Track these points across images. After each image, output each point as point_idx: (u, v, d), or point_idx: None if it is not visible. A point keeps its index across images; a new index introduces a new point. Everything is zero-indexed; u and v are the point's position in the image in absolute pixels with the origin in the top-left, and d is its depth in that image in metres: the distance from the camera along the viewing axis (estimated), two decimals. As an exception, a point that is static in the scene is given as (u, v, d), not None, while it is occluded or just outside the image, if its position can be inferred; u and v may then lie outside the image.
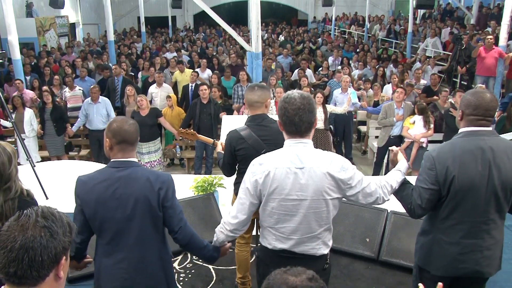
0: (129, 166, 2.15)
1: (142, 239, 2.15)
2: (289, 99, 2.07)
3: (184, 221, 2.21)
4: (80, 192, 2.14)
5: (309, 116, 2.06)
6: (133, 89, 7.24)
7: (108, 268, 2.17)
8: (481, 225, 2.21)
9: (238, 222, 2.18)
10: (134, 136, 2.17)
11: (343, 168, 2.05)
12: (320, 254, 2.14)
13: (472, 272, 2.27)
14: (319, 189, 2.02)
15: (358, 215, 3.90)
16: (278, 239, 2.13)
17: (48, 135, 6.89)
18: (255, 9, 6.73)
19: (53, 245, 1.26)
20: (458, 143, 2.24)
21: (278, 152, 2.12)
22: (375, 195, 2.15)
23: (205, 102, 6.63)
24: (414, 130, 6.19)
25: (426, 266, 2.36)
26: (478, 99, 2.21)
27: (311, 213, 2.06)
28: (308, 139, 2.10)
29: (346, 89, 7.28)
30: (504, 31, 8.32)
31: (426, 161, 2.26)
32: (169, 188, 2.16)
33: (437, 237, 2.30)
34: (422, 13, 18.81)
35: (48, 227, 1.28)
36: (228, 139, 2.90)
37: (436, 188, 2.21)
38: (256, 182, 2.08)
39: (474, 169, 2.16)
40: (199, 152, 6.86)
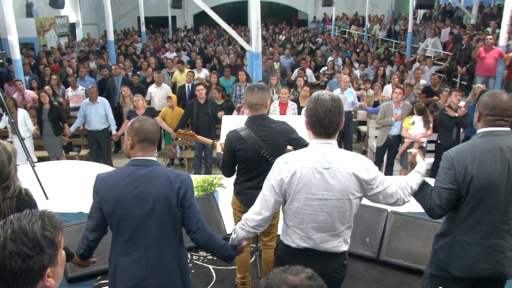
0: (150, 164, 2.17)
1: (160, 238, 2.16)
2: (320, 100, 2.07)
3: (202, 221, 2.22)
4: (100, 189, 2.15)
5: (338, 118, 2.08)
6: (128, 89, 7.25)
7: (124, 267, 2.17)
8: (502, 225, 2.22)
9: (261, 218, 2.19)
10: (156, 135, 2.21)
11: (367, 169, 2.07)
12: (341, 251, 2.18)
13: (494, 273, 2.27)
14: (344, 189, 2.05)
15: (358, 215, 3.88)
16: (302, 238, 2.14)
17: (46, 135, 6.88)
18: (255, 9, 6.73)
19: (27, 269, 1.18)
20: (477, 143, 2.25)
21: (304, 152, 2.13)
22: (395, 196, 2.17)
23: (202, 102, 6.63)
24: (414, 130, 6.20)
25: (447, 266, 2.35)
26: (495, 100, 2.24)
27: (335, 212, 2.08)
28: (333, 140, 2.12)
29: (345, 89, 7.28)
30: (504, 31, 8.32)
31: (445, 161, 2.27)
32: (188, 187, 2.18)
33: (457, 238, 2.30)
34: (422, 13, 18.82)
35: (18, 253, 1.17)
36: (227, 139, 2.90)
37: (455, 187, 2.22)
38: (282, 180, 2.09)
39: (493, 168, 2.17)
40: (198, 152, 6.86)
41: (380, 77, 9.06)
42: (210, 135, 6.52)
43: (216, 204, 4.15)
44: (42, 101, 6.79)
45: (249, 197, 2.91)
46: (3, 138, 7.39)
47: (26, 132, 6.71)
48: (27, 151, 4.94)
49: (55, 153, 6.98)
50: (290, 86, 8.53)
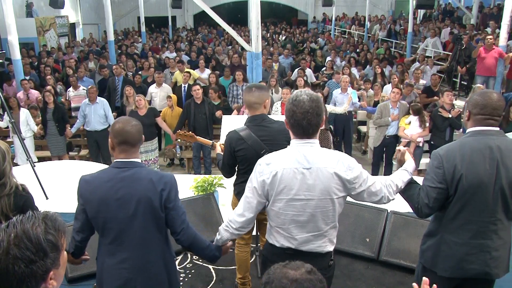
0: (132, 166, 2.16)
1: (145, 240, 2.15)
2: (298, 102, 2.05)
3: (186, 223, 2.21)
4: (83, 192, 2.15)
5: (317, 119, 2.06)
6: (132, 89, 7.25)
7: (110, 268, 2.17)
8: (489, 225, 2.21)
9: (244, 220, 2.19)
10: (136, 137, 2.17)
11: (350, 168, 2.06)
12: (326, 252, 2.16)
13: (481, 273, 2.26)
14: (326, 189, 2.03)
15: (358, 215, 3.90)
16: (285, 238, 2.14)
17: (50, 135, 6.90)
18: (255, 9, 6.73)
19: (30, 273, 1.18)
20: (467, 142, 2.23)
21: (285, 152, 2.12)
22: (380, 194, 2.15)
23: (198, 102, 6.63)
24: (410, 130, 6.21)
25: (433, 267, 2.35)
26: (485, 99, 2.22)
27: (318, 212, 2.07)
28: (315, 139, 2.11)
29: (345, 89, 7.27)
30: (504, 31, 8.32)
31: (434, 160, 2.26)
32: (172, 189, 2.16)
33: (445, 238, 2.29)
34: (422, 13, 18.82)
35: (21, 258, 1.17)
36: (227, 140, 2.90)
37: (444, 186, 2.21)
38: (263, 182, 2.09)
39: (482, 168, 2.15)
40: (196, 152, 6.87)
41: (380, 76, 9.07)
42: (208, 135, 6.53)
43: (216, 204, 4.15)
44: (47, 101, 6.81)
45: None
46: (4, 138, 7.42)
47: (27, 132, 6.73)
48: (27, 151, 4.94)
49: (58, 152, 6.99)
50: (290, 86, 8.54)
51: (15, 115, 6.61)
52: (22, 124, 6.65)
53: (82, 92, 8.03)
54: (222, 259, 3.73)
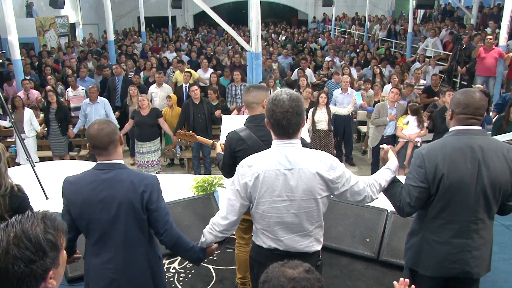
0: (114, 168, 2.16)
1: (128, 241, 2.16)
2: (277, 101, 2.04)
3: (170, 224, 2.21)
4: (67, 193, 2.17)
5: (297, 118, 2.05)
6: (136, 89, 7.25)
7: (95, 268, 2.19)
8: (471, 225, 2.21)
9: (228, 223, 2.18)
10: (103, 141, 2.13)
11: (332, 167, 2.05)
12: (313, 251, 2.16)
13: (462, 272, 2.26)
14: (309, 189, 2.03)
15: (358, 215, 3.90)
16: (272, 239, 2.13)
17: (53, 134, 6.91)
18: (255, 9, 6.73)
19: (30, 273, 1.18)
20: (448, 141, 2.23)
21: (266, 154, 2.11)
22: (363, 194, 2.15)
23: (197, 102, 6.64)
24: (408, 130, 6.22)
25: (415, 266, 2.36)
26: (467, 98, 2.22)
27: (302, 212, 2.06)
28: (296, 139, 2.09)
29: (346, 89, 7.28)
30: (504, 31, 8.32)
31: (416, 159, 2.26)
32: (153, 191, 2.15)
33: (426, 237, 2.29)
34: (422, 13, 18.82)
35: (21, 258, 1.17)
36: (227, 140, 2.90)
37: (425, 186, 2.20)
38: (246, 184, 2.08)
39: (463, 167, 2.15)
40: (196, 152, 6.88)
41: (379, 76, 9.07)
42: (207, 135, 6.54)
43: (216, 204, 4.14)
44: (50, 100, 6.83)
45: None
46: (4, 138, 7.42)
47: (31, 132, 6.74)
48: (27, 151, 4.95)
49: (60, 152, 7.00)
50: (290, 86, 8.54)
51: (19, 114, 6.64)
52: (26, 123, 6.67)
53: (81, 92, 8.04)
54: (222, 259, 3.75)
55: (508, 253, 3.74)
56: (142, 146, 6.54)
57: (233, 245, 3.70)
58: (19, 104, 6.69)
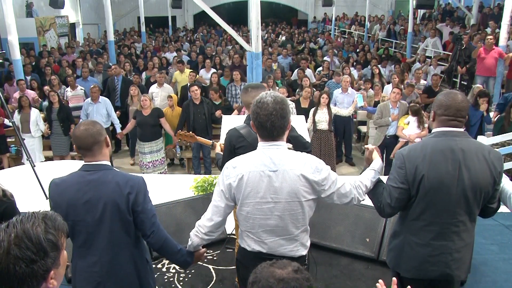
0: (99, 169, 2.15)
1: (113, 243, 2.15)
2: (262, 104, 2.03)
3: (157, 225, 2.20)
4: (52, 195, 2.16)
5: (281, 121, 2.03)
6: (137, 89, 7.26)
7: (82, 270, 2.19)
8: (451, 227, 2.20)
9: (213, 224, 2.17)
10: (86, 142, 2.13)
11: (317, 170, 2.03)
12: (298, 256, 2.13)
13: (442, 275, 2.26)
14: (293, 191, 2.01)
15: (358, 215, 3.90)
16: (256, 242, 2.12)
17: (54, 134, 6.92)
18: (255, 9, 6.73)
19: (31, 273, 1.19)
20: (430, 143, 2.23)
21: (251, 155, 2.10)
22: (350, 196, 2.14)
23: (197, 102, 6.64)
24: (409, 130, 6.24)
25: (397, 268, 2.35)
26: (449, 100, 2.21)
27: (286, 215, 2.05)
28: (281, 141, 2.08)
29: (346, 89, 7.29)
30: (504, 31, 8.32)
31: (397, 160, 2.25)
32: (139, 192, 2.14)
33: (407, 239, 2.29)
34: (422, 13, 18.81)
35: (22, 258, 1.17)
36: (227, 138, 2.92)
37: (406, 187, 2.20)
38: (230, 185, 2.08)
39: (443, 169, 2.14)
40: (196, 152, 6.88)
41: (377, 76, 9.07)
42: (208, 135, 6.54)
43: (216, 204, 4.14)
44: (52, 100, 6.83)
45: None
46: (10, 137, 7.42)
47: (37, 132, 6.76)
48: (26, 151, 4.95)
49: (61, 152, 7.01)
50: (290, 86, 8.54)
51: (26, 114, 6.66)
52: (32, 124, 6.68)
53: (80, 92, 8.05)
54: (222, 259, 3.75)
55: (508, 253, 3.74)
56: (144, 146, 6.54)
57: (233, 245, 3.71)
58: (25, 103, 6.71)
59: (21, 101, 6.74)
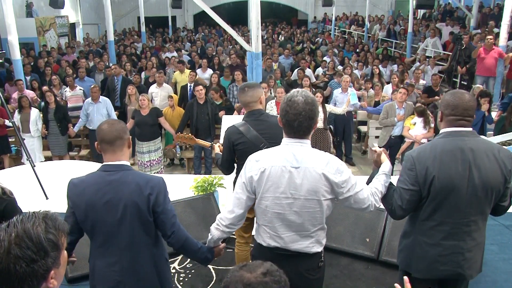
0: (119, 170, 2.14)
1: (133, 244, 2.14)
2: (292, 103, 2.05)
3: (177, 226, 2.20)
4: (71, 195, 2.15)
5: (309, 122, 2.05)
6: (134, 88, 7.26)
7: (101, 270, 2.18)
8: (462, 227, 2.20)
9: (234, 216, 2.18)
10: (111, 135, 2.13)
11: (339, 171, 2.04)
12: (314, 252, 2.15)
13: (453, 274, 2.26)
14: (313, 189, 2.03)
15: (358, 215, 3.90)
16: (271, 237, 2.14)
17: (52, 134, 6.92)
18: (255, 9, 6.73)
19: (31, 272, 1.19)
20: (438, 143, 2.23)
21: (275, 150, 2.12)
22: (367, 202, 2.14)
23: (201, 102, 6.65)
24: (415, 131, 6.23)
25: (408, 268, 2.36)
26: (456, 99, 2.21)
27: (304, 212, 2.06)
28: (306, 140, 2.10)
29: (346, 89, 7.29)
30: (504, 31, 8.32)
31: (407, 162, 2.25)
32: (160, 193, 2.13)
33: (418, 239, 2.29)
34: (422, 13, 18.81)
35: (23, 257, 1.17)
36: (227, 135, 2.95)
37: (416, 188, 2.20)
38: (251, 178, 2.10)
39: (454, 170, 2.14)
40: (198, 152, 6.88)
41: (377, 76, 9.07)
42: (210, 135, 6.55)
43: (216, 204, 4.15)
44: (48, 101, 6.82)
45: None
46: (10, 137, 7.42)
47: (36, 132, 6.75)
48: (26, 151, 4.95)
49: (59, 152, 7.01)
50: (290, 86, 8.54)
51: (26, 114, 6.66)
52: (32, 123, 6.68)
53: (79, 92, 8.05)
54: (222, 259, 3.74)
55: (508, 253, 3.74)
56: (142, 146, 6.55)
57: (233, 245, 3.71)
58: (25, 104, 6.70)
59: (21, 101, 6.74)
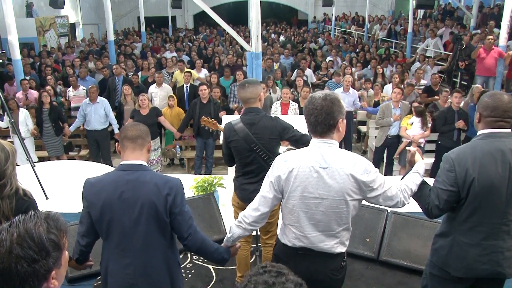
0: (138, 169, 2.13)
1: (148, 245, 2.12)
2: (311, 98, 2.11)
3: (193, 227, 2.18)
4: (87, 194, 2.13)
5: (326, 118, 2.05)
6: (130, 88, 7.27)
7: (114, 273, 2.16)
8: (501, 226, 2.22)
9: (259, 214, 2.20)
10: (134, 133, 2.16)
11: (366, 171, 2.05)
12: (337, 252, 2.16)
13: (493, 273, 2.27)
14: (341, 189, 2.04)
15: (358, 215, 3.87)
16: (297, 237, 2.15)
17: (46, 135, 6.88)
18: (255, 9, 6.72)
19: (33, 272, 1.19)
20: (478, 145, 2.23)
21: (303, 151, 2.14)
22: (395, 199, 2.15)
23: (204, 102, 6.67)
24: (412, 131, 6.23)
25: (446, 267, 2.36)
26: (495, 101, 2.22)
27: (331, 212, 2.07)
28: (332, 140, 2.11)
29: (348, 89, 7.29)
30: (504, 31, 8.31)
31: (445, 163, 2.26)
32: (177, 194, 2.12)
33: (457, 239, 2.30)
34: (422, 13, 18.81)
35: (24, 257, 1.18)
36: (224, 130, 3.06)
37: (455, 190, 2.22)
38: (279, 177, 2.11)
39: (494, 171, 2.15)
40: (199, 152, 6.88)
41: (380, 76, 9.06)
42: (211, 135, 6.57)
43: (216, 204, 4.15)
44: (43, 101, 6.80)
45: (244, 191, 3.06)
46: (4, 138, 7.39)
47: (26, 132, 6.72)
48: (27, 151, 4.94)
49: (55, 153, 6.98)
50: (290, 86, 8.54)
51: (15, 115, 6.60)
52: (21, 124, 6.64)
53: (82, 92, 8.05)
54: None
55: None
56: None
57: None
58: (13, 106, 6.67)
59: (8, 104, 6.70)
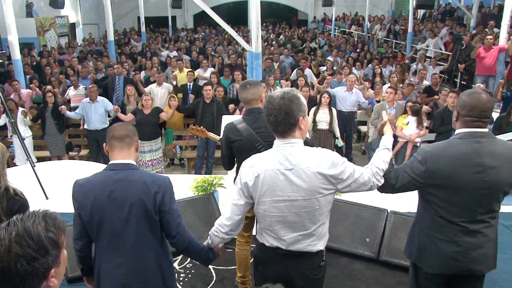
0: (126, 168, 2.13)
1: (139, 244, 2.13)
2: (269, 98, 2.08)
3: (182, 226, 2.18)
4: (77, 196, 2.13)
5: (285, 117, 2.01)
6: (133, 88, 7.28)
7: (106, 273, 2.16)
8: (474, 224, 2.22)
9: (232, 223, 2.18)
10: (121, 132, 2.17)
11: (334, 164, 2.02)
12: (316, 250, 2.14)
13: (466, 270, 2.28)
14: (310, 189, 2.01)
15: (358, 215, 3.90)
16: (274, 238, 2.13)
17: (49, 135, 6.90)
18: (255, 9, 6.72)
19: (32, 271, 1.19)
20: (454, 144, 2.23)
21: (267, 154, 2.11)
22: (368, 184, 2.13)
23: (208, 101, 6.69)
24: (408, 130, 6.22)
25: (418, 262, 2.37)
26: (473, 100, 2.19)
27: (303, 212, 2.05)
28: (295, 139, 2.07)
29: (351, 88, 7.29)
30: (504, 31, 8.31)
31: (419, 155, 2.25)
32: (166, 192, 2.13)
33: (430, 235, 2.30)
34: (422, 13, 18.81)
35: (23, 255, 1.18)
36: (225, 131, 2.99)
37: (420, 180, 2.21)
38: (246, 184, 2.09)
39: (467, 170, 2.15)
40: (201, 152, 6.89)
41: (379, 76, 9.06)
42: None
43: (216, 204, 4.15)
44: (48, 101, 6.82)
45: None
46: (3, 138, 7.41)
47: (26, 132, 6.73)
48: (27, 151, 4.95)
49: (57, 152, 6.99)
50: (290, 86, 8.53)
51: (14, 115, 6.62)
52: (20, 123, 6.65)
53: (82, 91, 8.05)
54: (223, 259, 3.75)
55: (508, 253, 3.74)
56: (144, 145, 6.57)
57: (233, 245, 3.70)
58: (12, 106, 6.68)
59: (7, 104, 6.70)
